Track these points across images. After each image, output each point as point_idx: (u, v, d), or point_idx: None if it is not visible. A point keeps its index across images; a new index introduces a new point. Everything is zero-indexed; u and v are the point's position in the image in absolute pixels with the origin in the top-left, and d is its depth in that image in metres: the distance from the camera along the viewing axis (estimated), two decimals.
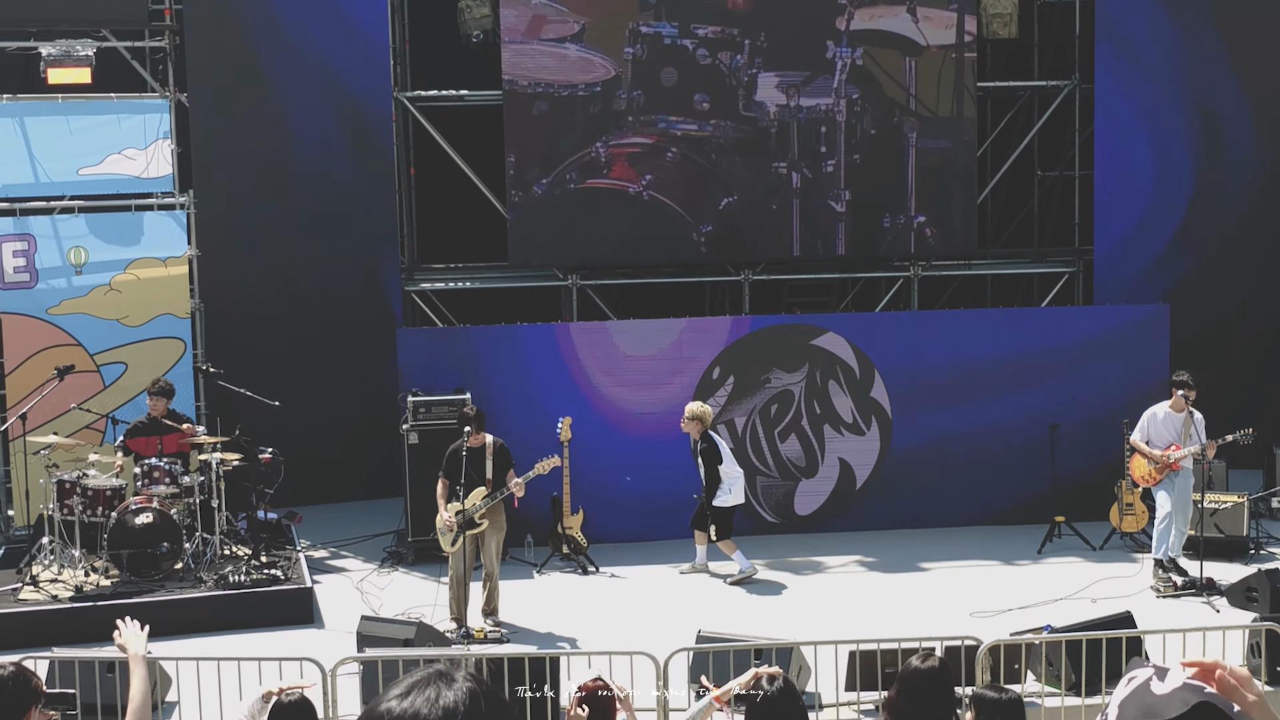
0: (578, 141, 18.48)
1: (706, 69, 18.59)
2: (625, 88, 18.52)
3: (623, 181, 18.54)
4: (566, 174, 18.36)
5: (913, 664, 7.21)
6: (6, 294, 15.72)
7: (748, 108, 18.70)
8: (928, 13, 18.38)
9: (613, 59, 18.45)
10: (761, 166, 18.69)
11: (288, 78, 17.04)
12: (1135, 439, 14.13)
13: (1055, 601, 13.39)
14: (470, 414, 13.00)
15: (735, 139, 18.66)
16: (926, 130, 18.71)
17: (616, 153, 18.52)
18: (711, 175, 18.71)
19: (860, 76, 18.59)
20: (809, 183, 18.76)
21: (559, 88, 18.37)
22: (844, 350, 16.00)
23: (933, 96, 18.58)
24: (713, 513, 14.40)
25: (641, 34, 18.49)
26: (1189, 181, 18.11)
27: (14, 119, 15.84)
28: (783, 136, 18.71)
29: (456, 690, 2.49)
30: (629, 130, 18.56)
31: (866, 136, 18.67)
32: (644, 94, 18.54)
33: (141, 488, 13.81)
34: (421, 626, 11.79)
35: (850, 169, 18.68)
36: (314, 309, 17.23)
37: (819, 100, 18.65)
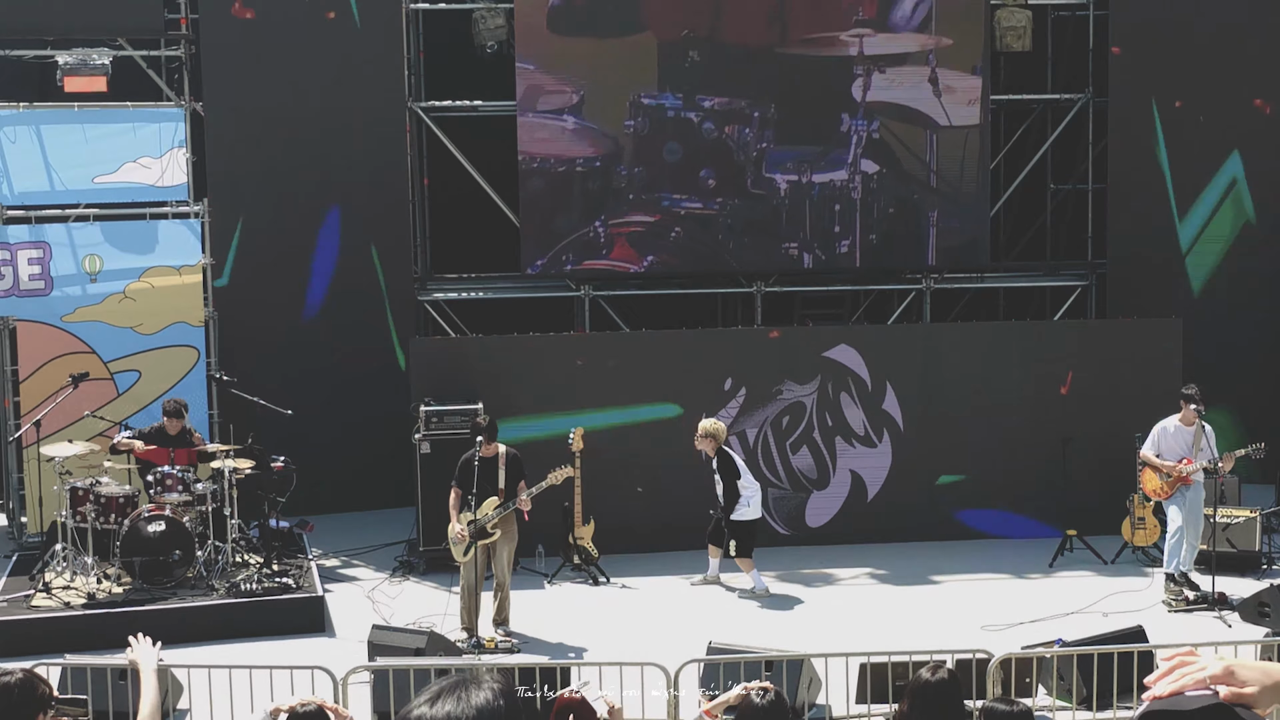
0: (576, 220, 17.84)
1: (713, 143, 17.81)
2: (626, 163, 17.77)
3: (623, 263, 17.89)
4: (563, 255, 17.88)
5: (922, 676, 7.22)
6: (22, 301, 15.78)
7: (757, 184, 17.91)
8: (950, 79, 17.80)
9: (613, 132, 17.75)
10: (772, 247, 18.03)
11: (302, 86, 17.08)
12: (1146, 453, 14.12)
13: (1066, 615, 13.37)
14: (483, 424, 13.02)
15: (743, 218, 17.95)
16: (949, 209, 18.07)
17: (616, 232, 17.83)
18: (718, 256, 18.04)
19: (877, 150, 17.92)
20: (822, 265, 18.19)
21: (555, 162, 17.69)
22: (856, 362, 15.99)
23: (956, 171, 18.00)
24: (732, 528, 14.37)
25: (643, 105, 17.75)
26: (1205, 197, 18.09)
27: (30, 127, 15.90)
28: (794, 215, 17.97)
29: (486, 691, 2.52)
30: (630, 208, 17.83)
31: (884, 214, 18.02)
32: (646, 169, 17.78)
33: (154, 495, 13.85)
34: (433, 636, 11.81)
35: (866, 250, 18.06)
36: (328, 318, 17.26)
37: (833, 175, 17.91)
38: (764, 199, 18.00)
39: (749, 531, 14.43)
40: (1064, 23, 19.24)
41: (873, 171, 17.96)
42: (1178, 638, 11.93)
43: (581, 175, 17.82)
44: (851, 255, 18.09)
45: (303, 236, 17.21)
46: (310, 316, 17.25)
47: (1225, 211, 18.19)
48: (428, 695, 2.54)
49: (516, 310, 18.68)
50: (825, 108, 17.92)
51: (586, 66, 17.76)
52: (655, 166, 17.88)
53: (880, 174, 17.98)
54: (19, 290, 15.77)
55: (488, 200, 18.22)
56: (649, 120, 17.84)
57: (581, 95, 17.79)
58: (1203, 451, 13.84)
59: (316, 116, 17.14)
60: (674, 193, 17.90)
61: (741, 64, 17.94)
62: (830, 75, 17.81)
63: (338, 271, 17.28)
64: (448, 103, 18.35)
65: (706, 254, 18.03)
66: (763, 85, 17.85)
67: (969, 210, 18.22)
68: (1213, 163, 18.12)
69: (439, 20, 18.41)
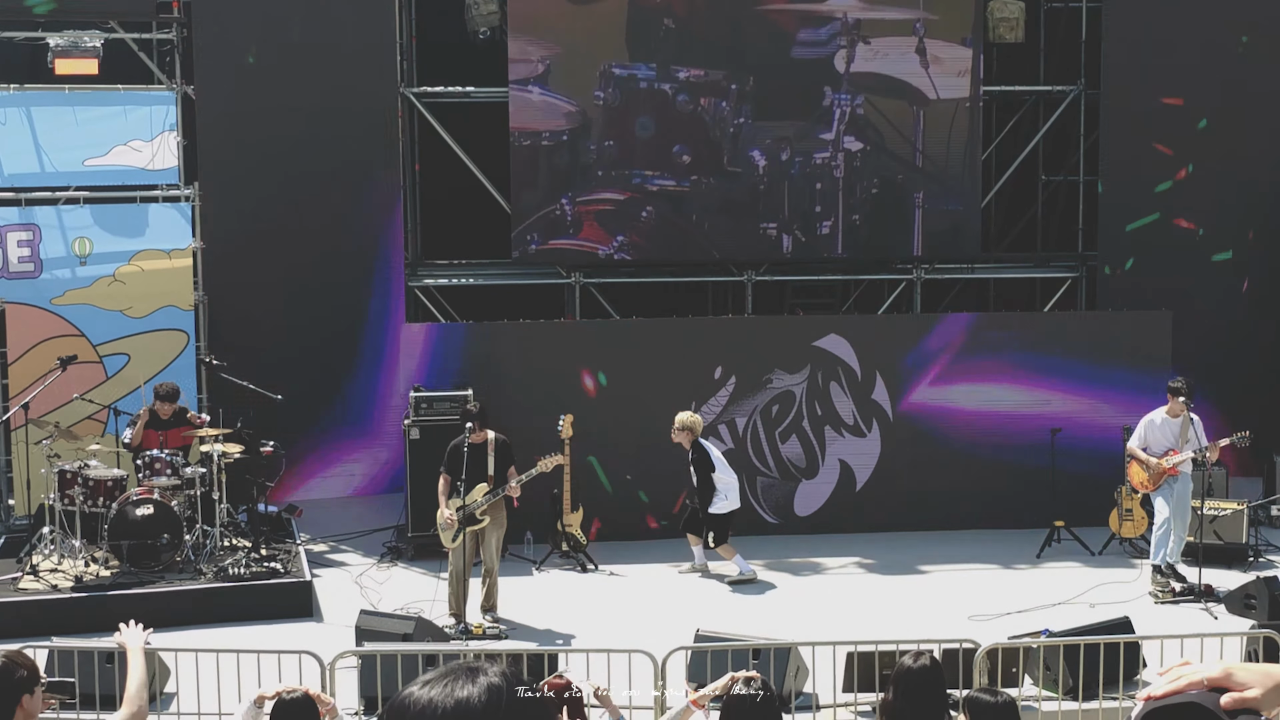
0: (540, 197, 17.21)
1: (687, 117, 17.07)
2: (595, 137, 17.09)
3: (591, 243, 17.30)
4: (528, 234, 17.40)
5: (905, 664, 7.24)
6: (11, 284, 15.75)
7: (734, 161, 17.25)
8: (938, 49, 17.30)
9: (581, 104, 17.03)
10: (749, 228, 17.40)
11: (294, 71, 17.04)
12: (1132, 446, 14.15)
13: (1054, 606, 13.40)
14: (473, 410, 13.02)
15: (720, 196, 17.30)
16: (935, 190, 17.57)
17: (584, 210, 17.22)
18: (691, 238, 17.40)
19: (860, 126, 17.31)
20: (801, 247, 17.55)
21: (519, 136, 17.07)
22: (846, 352, 16.00)
23: (943, 151, 17.52)
24: (709, 520, 14.38)
25: (614, 76, 17.02)
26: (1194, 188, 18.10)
27: (21, 109, 15.85)
28: (773, 194, 17.34)
29: (478, 685, 2.52)
30: (599, 185, 17.16)
31: (867, 195, 17.46)
32: (616, 144, 17.12)
33: (142, 479, 13.84)
34: (420, 621, 11.82)
35: (848, 231, 17.54)
36: (317, 303, 17.23)
37: (814, 153, 17.28)
38: (741, 177, 17.38)
39: (725, 522, 14.45)
40: (1057, 14, 19.23)
41: (856, 149, 17.42)
42: (1164, 629, 11.96)
43: (548, 150, 17.20)
44: (833, 237, 17.65)
45: (292, 221, 17.15)
46: (300, 301, 17.19)
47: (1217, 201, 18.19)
48: (426, 677, 2.55)
49: (507, 296, 18.67)
50: (807, 81, 17.30)
51: (553, 32, 17.12)
52: (626, 141, 17.19)
53: (864, 152, 17.46)
54: (8, 272, 15.73)
55: (479, 186, 18.19)
56: (620, 92, 17.13)
57: (548, 65, 17.14)
58: (1189, 442, 13.87)
59: (308, 102, 17.08)
60: (646, 169, 17.25)
61: (719, 33, 17.32)
62: (813, 45, 17.17)
63: (328, 257, 17.22)
64: (440, 88, 18.31)
65: (679, 235, 17.47)
66: (741, 56, 17.14)
67: (956, 192, 17.84)
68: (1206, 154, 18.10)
69: (432, 6, 18.36)
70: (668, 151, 17.35)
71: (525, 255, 17.70)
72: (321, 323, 17.15)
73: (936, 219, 17.85)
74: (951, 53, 17.55)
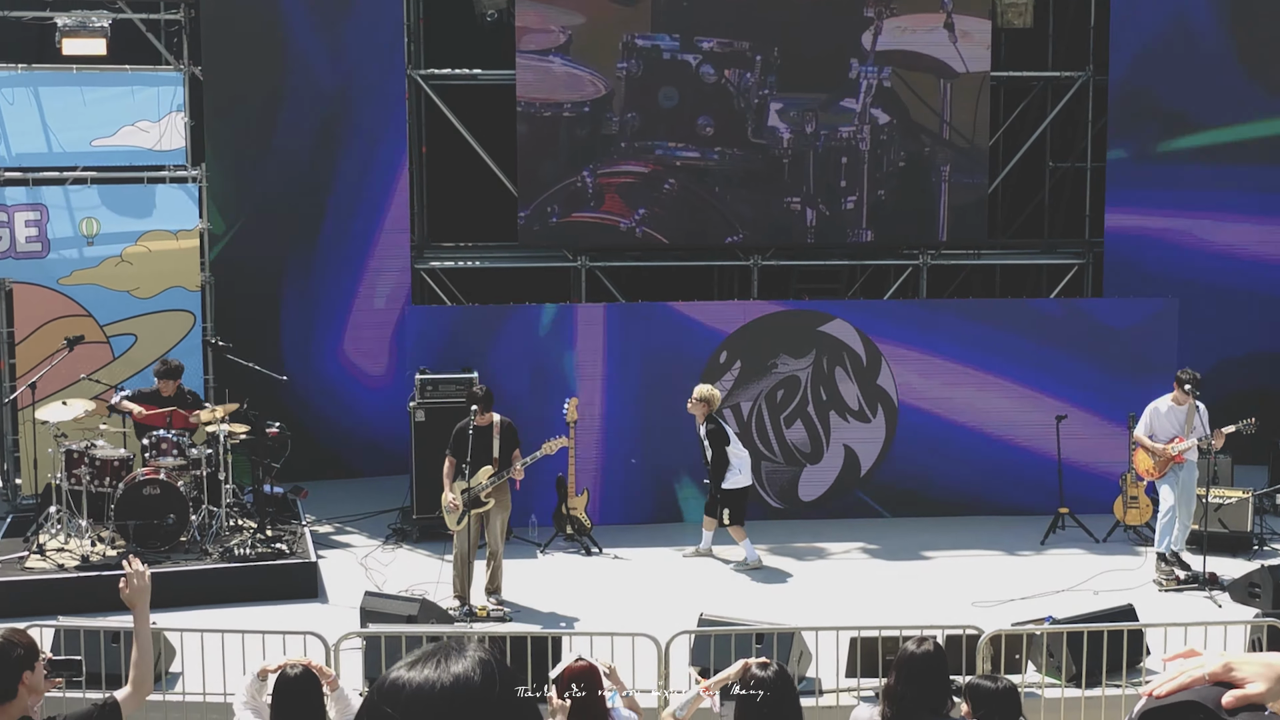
0: (561, 169, 17.05)
1: (711, 88, 16.95)
2: (617, 109, 16.94)
3: (613, 216, 17.18)
4: (548, 206, 17.27)
5: (909, 649, 7.25)
6: (18, 264, 15.77)
7: (758, 133, 17.09)
8: (966, 25, 17.25)
9: (604, 75, 16.84)
10: (772, 202, 17.27)
11: (301, 53, 17.03)
12: (1138, 433, 14.15)
13: (1057, 593, 13.41)
14: (479, 393, 13.03)
15: (743, 169, 17.17)
16: (962, 163, 17.45)
17: (606, 183, 17.08)
18: (715, 210, 17.26)
19: (887, 99, 17.18)
20: (826, 220, 17.40)
21: (540, 107, 16.88)
22: (851, 337, 16.00)
23: (969, 123, 17.38)
24: (723, 496, 14.39)
25: (637, 47, 16.87)
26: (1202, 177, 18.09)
27: (29, 89, 15.86)
28: (797, 167, 17.19)
29: (468, 659, 2.52)
30: (621, 157, 17.03)
31: (894, 168, 17.33)
32: (639, 116, 16.99)
33: (149, 459, 13.86)
34: (425, 603, 11.85)
35: (874, 205, 17.40)
36: (324, 284, 17.25)
37: (839, 126, 17.14)
38: (765, 149, 17.24)
39: (740, 499, 14.45)
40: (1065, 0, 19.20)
41: (883, 122, 17.26)
42: (1168, 617, 11.97)
43: (569, 121, 17.03)
44: (858, 212, 17.53)
45: (298, 202, 17.16)
46: (306, 283, 17.21)
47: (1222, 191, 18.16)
48: (410, 659, 2.55)
49: (513, 279, 18.67)
50: (833, 52, 17.14)
51: (576, 3, 17.05)
52: (649, 113, 17.05)
53: (890, 125, 17.29)
54: (15, 252, 15.75)
55: (485, 169, 18.18)
56: (643, 63, 16.98)
57: (570, 35, 16.99)
58: (1194, 430, 13.87)
59: (315, 83, 17.09)
60: (669, 141, 17.10)
61: (743, 3, 17.21)
62: (840, 18, 17.03)
63: (334, 238, 17.24)
64: (447, 71, 18.30)
65: (702, 208, 17.32)
66: (766, 27, 16.99)
67: (982, 166, 17.70)
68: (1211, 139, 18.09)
69: None
70: (691, 123, 17.21)
71: (539, 228, 17.59)
72: (327, 303, 17.18)
73: (962, 193, 17.71)
74: (976, 26, 17.45)
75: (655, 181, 17.37)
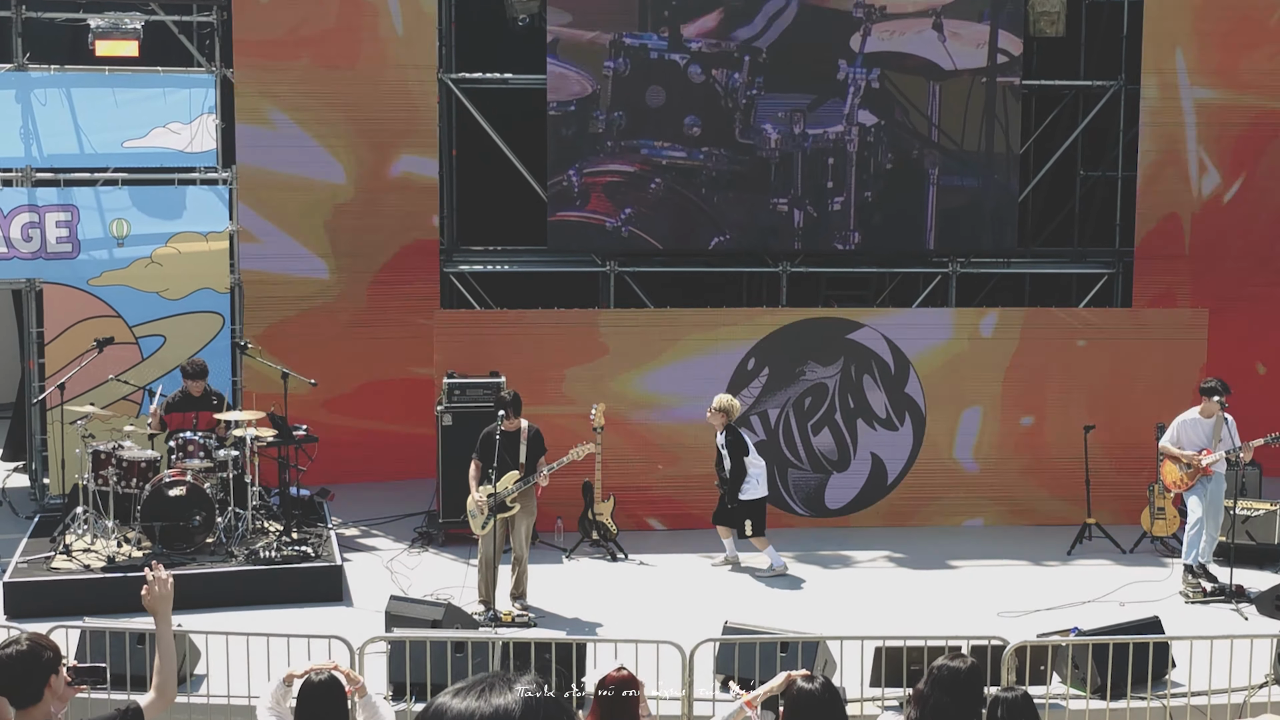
0: (548, 168, 17.15)
1: (699, 88, 16.88)
2: (604, 107, 16.90)
3: (599, 215, 17.15)
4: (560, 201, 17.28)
5: (949, 665, 7.20)
6: (49, 264, 15.85)
7: (745, 134, 17.06)
8: (956, 27, 17.13)
9: (590, 74, 16.82)
10: (759, 203, 17.23)
11: (331, 56, 17.08)
12: (1166, 444, 14.08)
13: (1083, 604, 13.36)
14: (507, 398, 13.04)
15: (730, 170, 17.15)
16: (951, 166, 17.39)
17: (592, 182, 17.08)
18: (701, 211, 17.23)
19: (876, 101, 17.14)
20: (813, 222, 17.35)
21: (555, 105, 16.95)
22: (880, 345, 15.96)
23: (958, 127, 17.34)
24: (742, 508, 14.35)
25: (625, 45, 16.81)
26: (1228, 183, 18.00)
27: (61, 90, 15.94)
28: (785, 168, 17.17)
29: (513, 693, 2.53)
30: (607, 156, 17.00)
31: (881, 171, 17.28)
32: (626, 115, 16.94)
33: (175, 460, 13.92)
34: (450, 608, 11.86)
35: (861, 207, 17.34)
36: (353, 288, 17.28)
37: (827, 127, 17.08)
38: (752, 150, 17.18)
39: (760, 510, 14.42)
40: (1098, 9, 19.12)
41: (870, 124, 17.21)
42: (1194, 629, 11.91)
43: (556, 120, 17.03)
44: (845, 214, 17.47)
45: (329, 207, 17.20)
46: (335, 287, 17.25)
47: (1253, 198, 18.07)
48: (457, 686, 2.56)
49: (542, 284, 18.67)
50: (821, 54, 17.09)
51: (563, 1, 17.00)
52: (636, 112, 16.99)
53: (878, 126, 17.26)
54: (46, 253, 15.84)
55: (515, 173, 18.19)
56: (630, 61, 16.94)
57: (556, 34, 16.98)
58: (1222, 442, 13.79)
59: (346, 86, 17.13)
60: (655, 140, 17.03)
61: (732, 3, 17.14)
62: (828, 20, 16.98)
63: (364, 242, 17.25)
64: (478, 75, 18.31)
65: (688, 208, 17.29)
66: (754, 27, 16.92)
67: (973, 168, 17.63)
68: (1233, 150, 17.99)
69: None
70: (678, 123, 17.16)
71: (566, 231, 17.57)
72: (356, 308, 17.21)
73: (950, 196, 17.62)
74: (969, 29, 17.34)
75: (642, 181, 17.29)
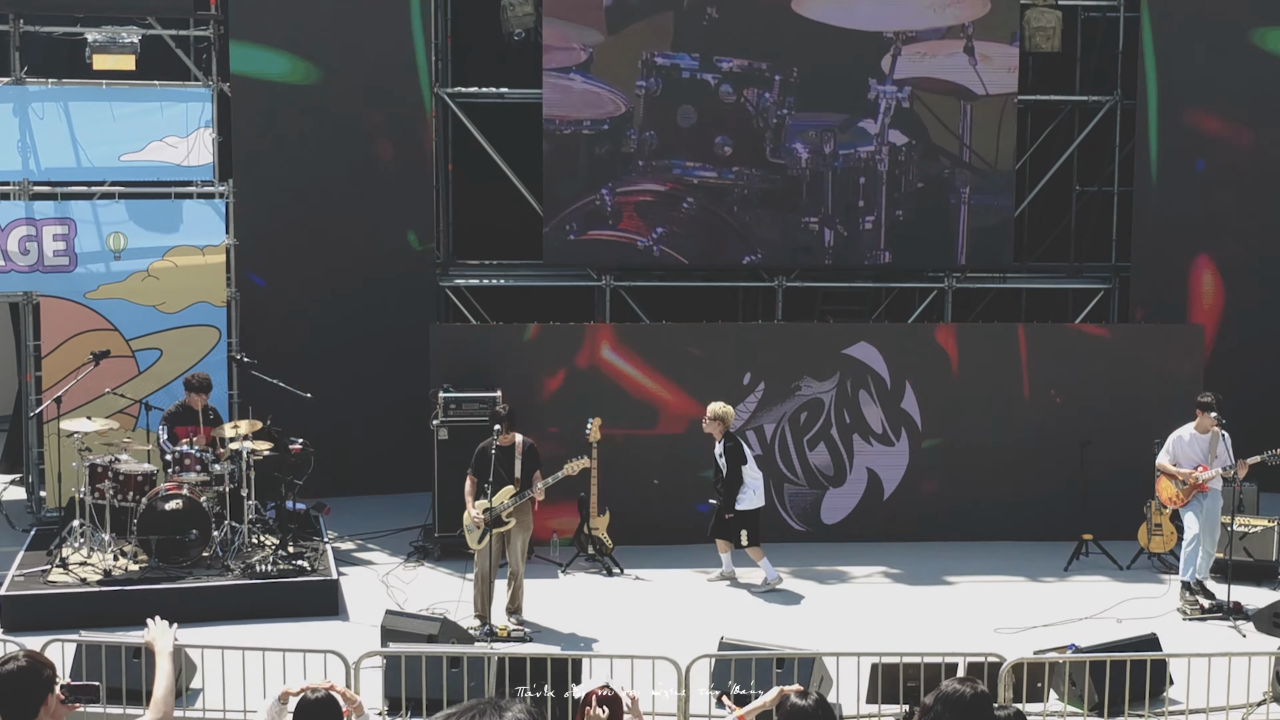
0: (580, 186, 17.25)
1: (730, 108, 17.05)
2: (636, 126, 17.10)
3: (630, 234, 17.31)
4: (566, 224, 17.40)
5: (957, 689, 7.06)
6: (45, 277, 15.83)
7: (776, 153, 17.22)
8: (987, 49, 17.33)
9: (623, 93, 16.99)
10: (790, 221, 17.40)
11: (330, 70, 17.11)
12: (1162, 461, 14.08)
13: (1080, 620, 13.35)
14: (502, 413, 13.04)
15: (761, 189, 17.32)
16: (982, 185, 17.52)
17: (624, 201, 17.23)
18: (732, 230, 17.40)
19: (906, 120, 17.30)
20: (844, 241, 17.51)
21: (560, 124, 17.06)
22: (875, 360, 15.97)
23: (991, 147, 17.46)
24: (738, 518, 14.34)
25: (657, 65, 17.00)
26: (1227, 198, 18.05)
27: (58, 103, 15.93)
28: (815, 187, 17.32)
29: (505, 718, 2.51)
30: (639, 176, 17.16)
31: (912, 190, 17.43)
32: (657, 135, 17.13)
33: (172, 474, 13.90)
34: (445, 623, 11.84)
35: (891, 226, 17.48)
36: (349, 302, 17.28)
37: (858, 147, 17.25)
38: (783, 169, 17.35)
39: (755, 520, 14.40)
40: (1094, 24, 19.16)
41: (901, 143, 17.37)
42: (1192, 647, 11.90)
43: (589, 139, 17.17)
44: (876, 233, 17.58)
45: (325, 220, 17.21)
46: (331, 300, 17.25)
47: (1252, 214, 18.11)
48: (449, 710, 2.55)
49: (537, 298, 18.69)
50: (852, 73, 17.24)
51: (596, 20, 17.10)
52: (668, 131, 17.16)
53: (909, 146, 17.40)
54: (43, 266, 15.82)
55: (511, 187, 18.21)
56: (662, 81, 17.11)
57: (590, 53, 17.12)
58: (1218, 458, 13.80)
59: (343, 101, 17.16)
60: (687, 160, 17.21)
61: (763, 23, 17.27)
62: (859, 40, 17.12)
63: (360, 256, 17.28)
64: (474, 89, 18.33)
65: (720, 227, 17.38)
66: (785, 47, 17.07)
67: (1004, 188, 17.75)
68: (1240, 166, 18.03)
69: (467, 6, 18.40)
70: (709, 142, 17.31)
71: (563, 246, 17.65)
72: (353, 322, 17.22)
73: (982, 215, 17.71)
74: (998, 50, 17.51)
75: (673, 200, 17.44)
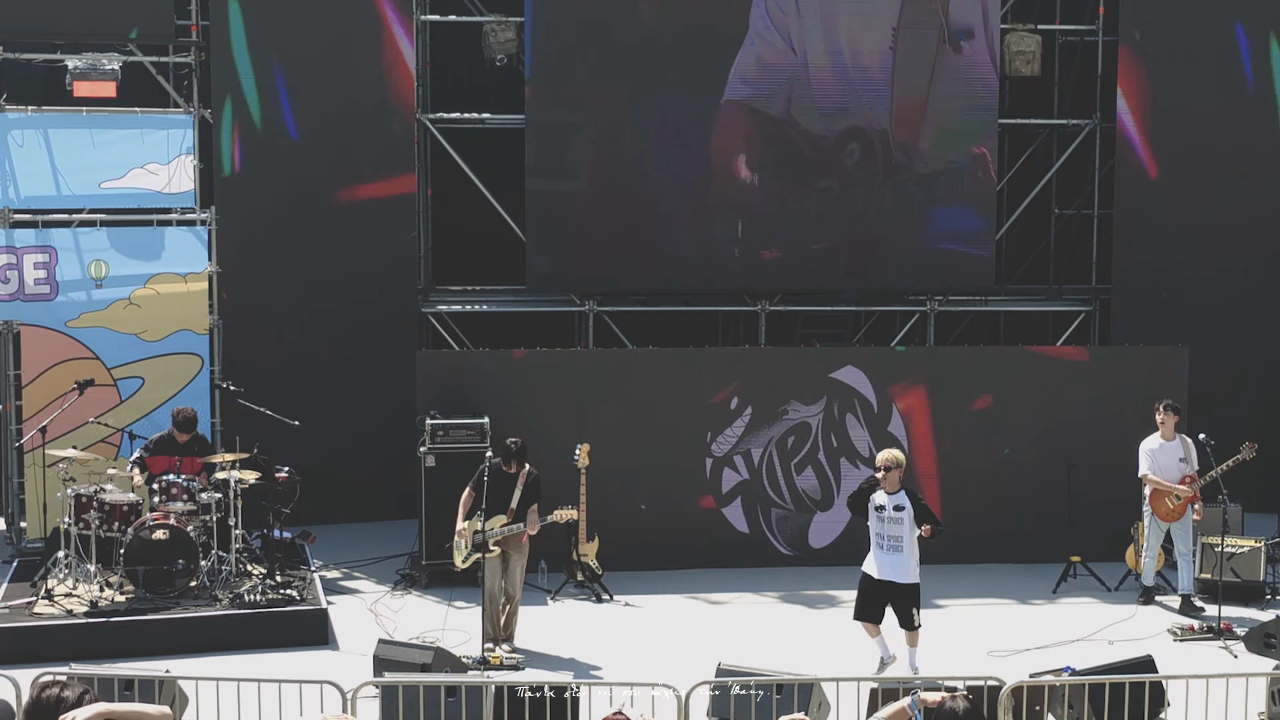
0: (565, 210, 17.91)
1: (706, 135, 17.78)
2: (621, 149, 17.79)
3: (617, 257, 17.94)
4: (553, 248, 17.95)
5: (948, 704, 7.15)
6: (26, 306, 15.70)
7: (754, 178, 17.91)
8: (965, 72, 18.01)
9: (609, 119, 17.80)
10: (766, 245, 18.05)
11: (310, 97, 17.07)
12: (1146, 473, 14.25)
13: (1072, 642, 13.36)
14: (512, 449, 12.94)
15: (739, 213, 17.95)
16: (960, 210, 18.15)
17: (609, 225, 17.92)
18: (707, 253, 18.02)
19: (879, 142, 17.92)
20: (815, 260, 18.10)
21: None
22: (862, 384, 15.96)
23: (963, 169, 18.13)
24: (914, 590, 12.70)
25: (636, 100, 17.79)
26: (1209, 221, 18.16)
27: (38, 131, 15.82)
28: (796, 208, 17.96)
29: None
30: (624, 200, 17.86)
31: (882, 211, 18.02)
32: (640, 157, 17.85)
33: (158, 504, 13.78)
34: (439, 651, 11.76)
35: (863, 248, 18.11)
36: (333, 329, 17.21)
37: (830, 167, 17.91)
38: (762, 193, 17.94)
39: None
40: (1072, 48, 19.25)
41: (877, 165, 17.82)
42: (1184, 668, 11.92)
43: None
44: (836, 255, 18.00)
45: (307, 247, 17.14)
46: (315, 328, 17.17)
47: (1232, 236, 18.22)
48: None
49: (519, 324, 18.65)
50: (830, 96, 17.93)
51: (574, 64, 17.81)
52: (649, 155, 17.81)
53: (886, 167, 17.87)
54: (24, 295, 15.69)
55: (492, 213, 18.17)
56: (640, 108, 17.79)
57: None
58: (1189, 461, 14.22)
59: (324, 127, 17.12)
60: (660, 190, 17.80)
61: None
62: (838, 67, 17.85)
63: (344, 283, 17.21)
64: (456, 115, 18.31)
65: (698, 249, 17.95)
66: None
67: (985, 212, 18.16)
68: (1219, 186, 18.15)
69: (448, 33, 18.39)
70: (691, 168, 17.86)
71: (544, 275, 17.84)
72: (337, 349, 17.15)
73: (960, 239, 18.03)
74: (978, 74, 18.05)
75: (654, 223, 17.77)
